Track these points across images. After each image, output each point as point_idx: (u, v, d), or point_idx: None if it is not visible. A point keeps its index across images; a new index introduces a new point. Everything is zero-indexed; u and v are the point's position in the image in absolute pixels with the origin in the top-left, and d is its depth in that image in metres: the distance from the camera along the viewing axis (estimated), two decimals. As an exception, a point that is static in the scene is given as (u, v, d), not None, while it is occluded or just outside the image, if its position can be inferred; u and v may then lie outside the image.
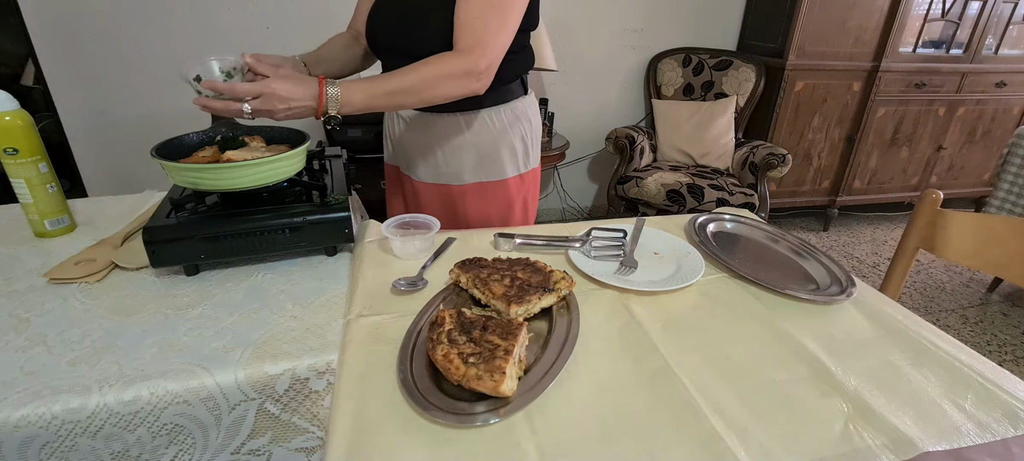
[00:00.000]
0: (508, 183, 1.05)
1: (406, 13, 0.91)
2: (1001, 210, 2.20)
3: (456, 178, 1.03)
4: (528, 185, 1.10)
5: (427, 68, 0.82)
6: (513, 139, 1.02)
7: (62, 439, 0.53)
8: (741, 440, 0.49)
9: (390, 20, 0.94)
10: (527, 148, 1.06)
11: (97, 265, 0.76)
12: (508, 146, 1.02)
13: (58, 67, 2.03)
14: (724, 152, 2.52)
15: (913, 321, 0.71)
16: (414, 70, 0.81)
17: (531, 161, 1.09)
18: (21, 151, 0.81)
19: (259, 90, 0.74)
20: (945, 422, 0.53)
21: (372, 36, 0.99)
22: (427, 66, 0.82)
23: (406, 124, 1.03)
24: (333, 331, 0.65)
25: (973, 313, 2.24)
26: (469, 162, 1.01)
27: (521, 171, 1.06)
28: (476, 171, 1.02)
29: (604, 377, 0.58)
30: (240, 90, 0.74)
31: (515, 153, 1.04)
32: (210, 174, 0.74)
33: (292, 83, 0.76)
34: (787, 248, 0.90)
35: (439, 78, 0.82)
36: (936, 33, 2.69)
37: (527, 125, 1.04)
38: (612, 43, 2.67)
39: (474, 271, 0.71)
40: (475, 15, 0.83)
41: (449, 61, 0.83)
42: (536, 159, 1.10)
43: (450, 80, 0.83)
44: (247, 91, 0.74)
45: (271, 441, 0.61)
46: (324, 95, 0.77)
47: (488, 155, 1.01)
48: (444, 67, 0.82)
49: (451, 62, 0.83)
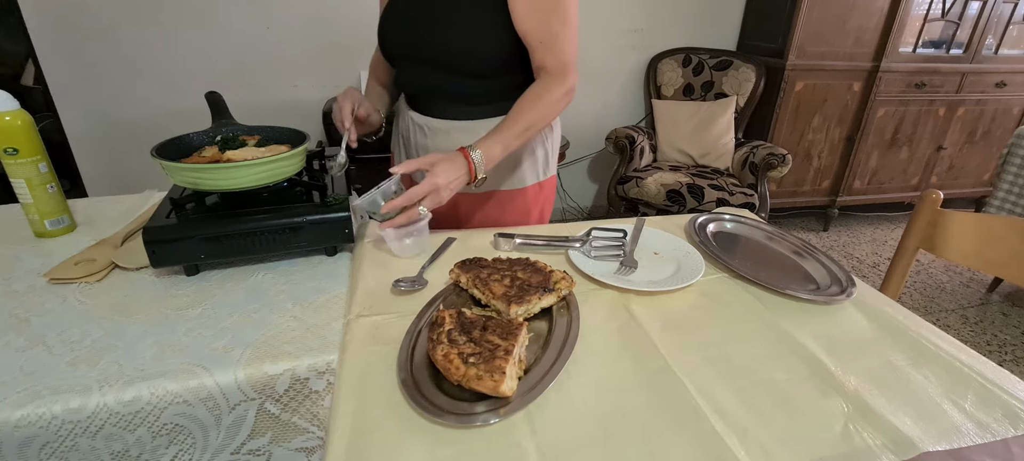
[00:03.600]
0: (527, 191, 1.03)
1: (421, 18, 0.89)
2: (1001, 210, 2.20)
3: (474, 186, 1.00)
4: (545, 193, 1.08)
5: (540, 102, 0.87)
6: (535, 146, 1.01)
7: (62, 439, 0.53)
8: (741, 440, 0.49)
9: (402, 27, 0.93)
10: (547, 155, 1.04)
11: (97, 265, 0.76)
12: (529, 153, 1.00)
13: (58, 67, 2.03)
14: (724, 152, 2.52)
15: (913, 321, 0.71)
16: (532, 106, 0.87)
17: (550, 168, 1.06)
18: (21, 151, 0.81)
19: (428, 190, 0.79)
20: (945, 422, 0.53)
21: (385, 44, 0.98)
22: (539, 99, 0.87)
23: (423, 132, 1.00)
24: (333, 331, 0.65)
25: (973, 313, 2.24)
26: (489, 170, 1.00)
27: (540, 179, 1.04)
28: (495, 179, 1.00)
29: (604, 377, 0.58)
30: (415, 197, 0.79)
31: (536, 160, 1.02)
32: (210, 174, 0.74)
33: (447, 169, 0.81)
34: (787, 248, 0.90)
35: (551, 106, 0.88)
36: (936, 33, 2.69)
37: (548, 132, 1.02)
38: (612, 43, 2.67)
39: (474, 271, 0.71)
40: (548, 31, 0.85)
41: (554, 89, 0.88)
42: (554, 167, 1.08)
43: (559, 104, 0.89)
44: (418, 194, 0.79)
45: (271, 441, 0.61)
46: (473, 164, 0.83)
47: (508, 163, 0.98)
48: (553, 95, 0.88)
49: (556, 89, 0.88)
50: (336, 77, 2.34)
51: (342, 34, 2.26)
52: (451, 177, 0.81)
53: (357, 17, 2.25)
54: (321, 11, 2.21)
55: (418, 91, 0.99)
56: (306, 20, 2.21)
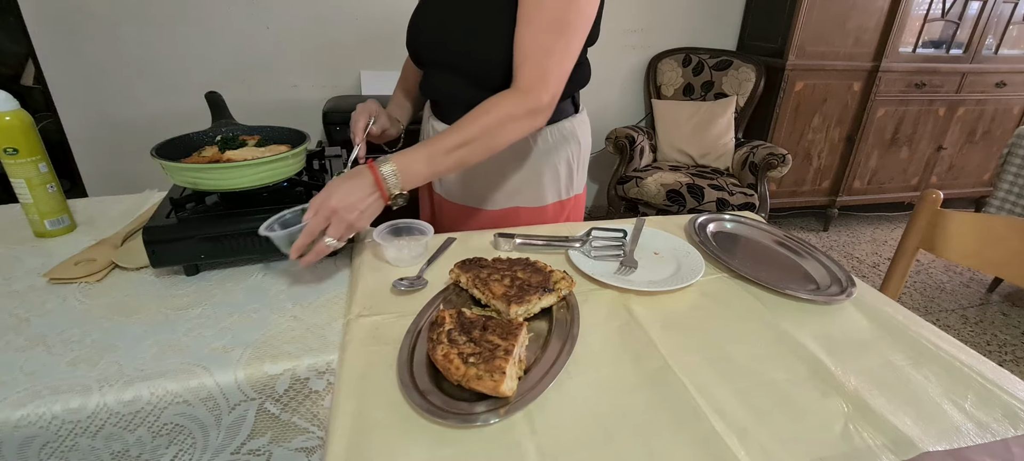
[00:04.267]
0: (546, 210, 0.96)
1: (448, 23, 0.85)
2: (1001, 210, 2.20)
3: (489, 201, 0.94)
4: (569, 212, 0.99)
5: (487, 116, 0.75)
6: (557, 162, 0.93)
7: (62, 439, 0.53)
8: (741, 440, 0.49)
9: (429, 31, 0.88)
10: (572, 172, 0.96)
11: (97, 265, 0.76)
12: (552, 169, 0.93)
13: (58, 67, 2.03)
14: (724, 152, 2.52)
15: (913, 321, 0.71)
16: (474, 120, 0.75)
17: (575, 186, 0.98)
18: (21, 151, 0.81)
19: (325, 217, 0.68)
20: (945, 422, 0.53)
21: (415, 50, 0.93)
22: (487, 114, 0.75)
23: None
24: (333, 331, 0.65)
25: (973, 313, 2.24)
26: (506, 186, 0.93)
27: (562, 197, 0.97)
28: (512, 195, 0.94)
29: (604, 377, 0.57)
30: (315, 230, 0.68)
31: (558, 177, 0.95)
32: (210, 174, 0.74)
33: (342, 190, 0.69)
34: (787, 248, 0.90)
35: (502, 124, 0.75)
36: (936, 33, 2.69)
37: (575, 147, 0.95)
38: (612, 43, 2.67)
39: (474, 271, 0.71)
40: (539, 43, 0.75)
41: (509, 103, 0.76)
42: (581, 184, 0.99)
43: (513, 123, 0.76)
44: (315, 228, 0.68)
45: (271, 441, 0.61)
46: (379, 179, 0.70)
47: (528, 179, 0.93)
48: (505, 110, 0.75)
49: (512, 104, 0.76)
50: (336, 77, 2.34)
51: (342, 34, 2.26)
52: (350, 198, 0.69)
53: (357, 17, 2.25)
54: (321, 11, 2.21)
55: (441, 98, 0.95)
56: (306, 20, 2.21)
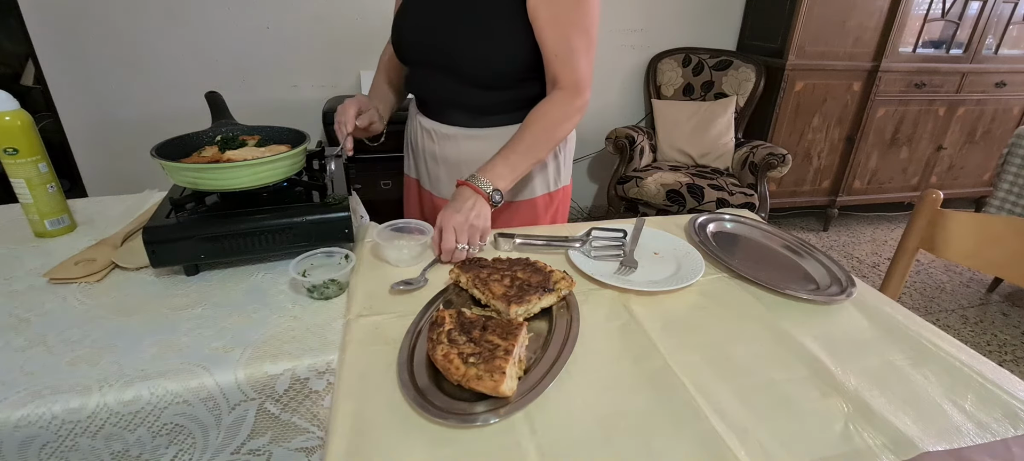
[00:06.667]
0: (536, 203, 1.01)
1: (435, 25, 0.87)
2: (1001, 210, 2.20)
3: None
4: (557, 203, 1.05)
5: (546, 119, 0.86)
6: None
7: (62, 439, 0.53)
8: (741, 440, 0.49)
9: (418, 32, 0.90)
10: (559, 165, 1.01)
11: (97, 265, 0.76)
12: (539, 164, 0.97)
13: (58, 67, 2.03)
14: (724, 152, 2.52)
15: (913, 321, 0.71)
16: (536, 124, 0.85)
17: (562, 178, 1.03)
18: (21, 151, 0.81)
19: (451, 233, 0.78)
20: (945, 422, 0.53)
21: (401, 48, 0.95)
22: (544, 116, 0.86)
23: (431, 137, 0.98)
24: (333, 331, 0.65)
25: (973, 313, 2.24)
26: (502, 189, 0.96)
27: (551, 189, 1.02)
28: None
29: (604, 377, 0.58)
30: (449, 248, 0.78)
31: (545, 170, 0.99)
32: (210, 174, 0.74)
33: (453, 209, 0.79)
34: (787, 248, 0.90)
35: (558, 124, 0.87)
36: (936, 33, 2.69)
37: (561, 143, 0.99)
38: (612, 43, 2.67)
39: (474, 271, 0.71)
40: (567, 45, 0.83)
41: (560, 105, 0.86)
42: (568, 176, 1.05)
43: (567, 122, 0.87)
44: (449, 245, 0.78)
45: (271, 441, 0.61)
46: (478, 189, 0.81)
47: None
48: (560, 111, 0.86)
49: (562, 104, 0.86)
50: (336, 77, 2.34)
51: (342, 34, 2.26)
52: (465, 212, 0.79)
53: (357, 17, 2.25)
54: (321, 11, 2.21)
55: (429, 97, 0.97)
56: (306, 20, 2.21)
